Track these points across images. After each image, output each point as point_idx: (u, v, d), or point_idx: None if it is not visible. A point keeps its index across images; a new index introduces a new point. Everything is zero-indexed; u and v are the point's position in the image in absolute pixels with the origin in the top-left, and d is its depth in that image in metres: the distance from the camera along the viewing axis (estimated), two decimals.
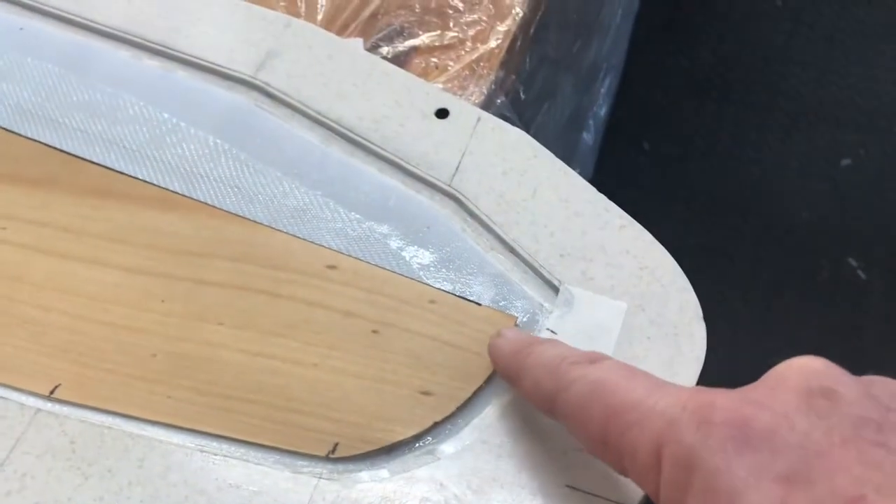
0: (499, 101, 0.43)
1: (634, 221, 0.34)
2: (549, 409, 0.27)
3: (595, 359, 0.26)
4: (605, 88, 0.77)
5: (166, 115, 0.39)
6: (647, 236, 0.33)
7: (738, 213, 1.10)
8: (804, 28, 1.24)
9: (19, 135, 0.39)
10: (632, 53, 1.12)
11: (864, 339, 1.00)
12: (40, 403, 0.32)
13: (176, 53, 0.40)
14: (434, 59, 0.45)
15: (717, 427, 0.21)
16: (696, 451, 0.21)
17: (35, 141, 0.38)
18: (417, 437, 0.30)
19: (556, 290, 0.33)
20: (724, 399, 0.22)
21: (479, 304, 0.33)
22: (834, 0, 1.24)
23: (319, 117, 0.38)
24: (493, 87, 0.43)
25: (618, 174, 1.12)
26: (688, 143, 1.16)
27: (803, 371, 0.22)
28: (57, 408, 0.31)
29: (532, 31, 0.47)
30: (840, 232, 1.07)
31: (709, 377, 0.31)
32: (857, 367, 0.22)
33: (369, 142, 0.37)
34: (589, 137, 0.75)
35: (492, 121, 0.37)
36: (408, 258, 0.34)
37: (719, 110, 1.18)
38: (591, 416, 0.24)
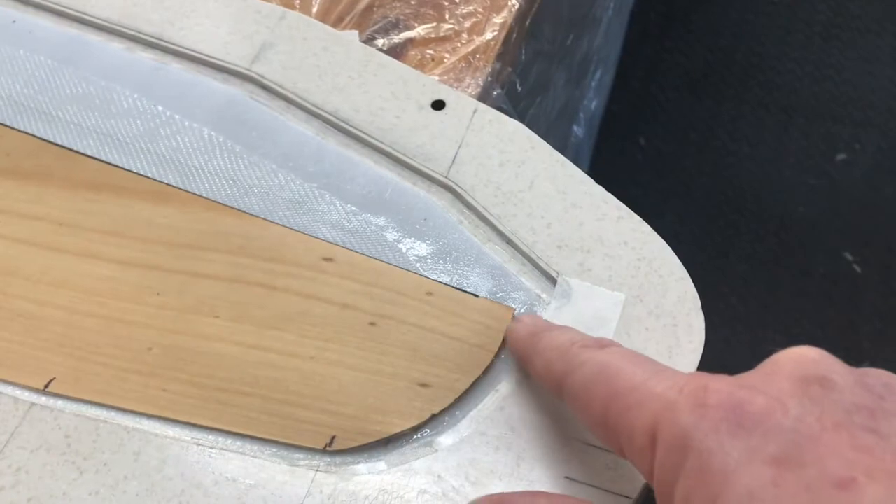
0: (495, 93, 0.43)
1: (632, 212, 0.34)
2: (557, 391, 0.27)
3: (605, 344, 0.27)
4: (595, 82, 0.77)
5: (160, 108, 0.39)
6: (645, 227, 0.33)
7: (734, 208, 1.10)
8: (800, 23, 1.24)
9: (12, 128, 0.38)
10: (627, 49, 1.12)
11: (860, 333, 1.00)
12: (34, 398, 0.31)
13: (170, 46, 0.40)
14: (430, 52, 0.45)
15: (712, 409, 0.21)
16: (690, 433, 0.21)
17: (28, 134, 0.38)
18: (415, 430, 0.30)
19: (553, 281, 0.33)
20: (719, 383, 0.22)
21: (477, 296, 0.32)
22: None
23: (315, 109, 0.38)
24: (489, 79, 0.43)
25: (614, 170, 1.12)
26: (683, 139, 1.16)
27: (799, 359, 0.22)
28: (51, 402, 0.31)
29: (527, 23, 0.47)
30: (835, 226, 1.08)
31: (705, 371, 0.31)
32: (852, 359, 0.22)
33: (365, 134, 0.37)
34: (579, 130, 0.75)
35: (489, 112, 0.37)
36: (404, 250, 0.34)
37: (715, 106, 1.18)
38: (594, 398, 0.25)
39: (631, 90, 1.16)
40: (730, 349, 0.96)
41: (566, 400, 0.26)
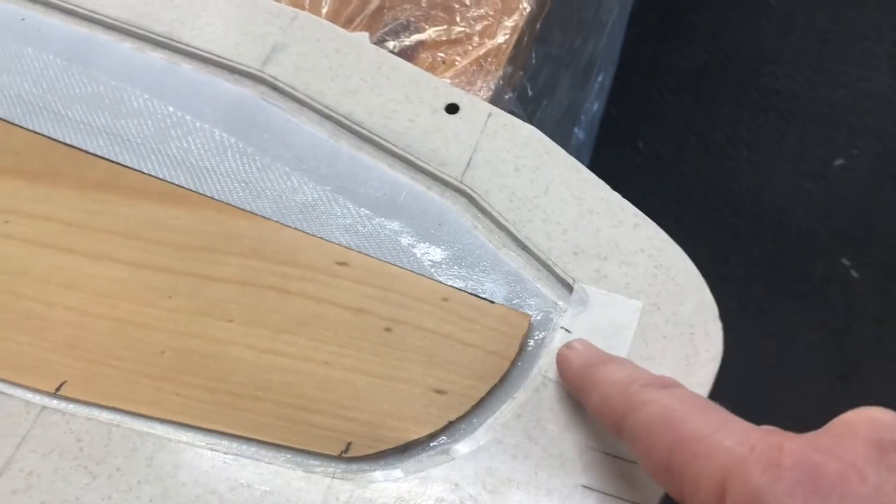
0: (507, 96, 0.43)
1: (648, 219, 0.34)
2: (615, 428, 0.26)
3: (666, 384, 0.26)
4: (597, 85, 0.77)
5: (171, 109, 0.38)
6: (662, 235, 0.33)
7: (732, 213, 1.10)
8: (798, 28, 1.24)
9: (21, 127, 0.38)
10: (626, 52, 1.12)
11: (857, 338, 1.01)
12: (46, 401, 0.31)
13: (181, 46, 0.40)
14: (441, 54, 0.45)
15: (786, 471, 0.21)
16: (763, 493, 0.21)
17: (37, 133, 0.38)
18: (432, 437, 0.30)
19: (570, 288, 0.32)
20: (792, 443, 0.22)
21: (493, 302, 0.32)
22: (827, 1, 1.25)
23: (328, 111, 0.38)
24: (500, 82, 0.43)
25: (612, 173, 1.12)
26: (682, 143, 1.16)
27: (873, 423, 0.22)
28: (63, 405, 0.31)
29: (538, 26, 0.47)
30: (833, 232, 1.08)
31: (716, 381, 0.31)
32: (848, 365, 0.22)
33: (379, 137, 0.37)
34: (580, 133, 0.75)
35: (503, 116, 0.37)
36: (419, 255, 0.34)
37: (714, 110, 1.18)
38: (657, 442, 0.24)
39: (630, 93, 1.16)
40: (727, 354, 0.96)
41: (625, 439, 0.26)
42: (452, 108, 0.37)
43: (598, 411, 0.28)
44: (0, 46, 0.40)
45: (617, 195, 0.34)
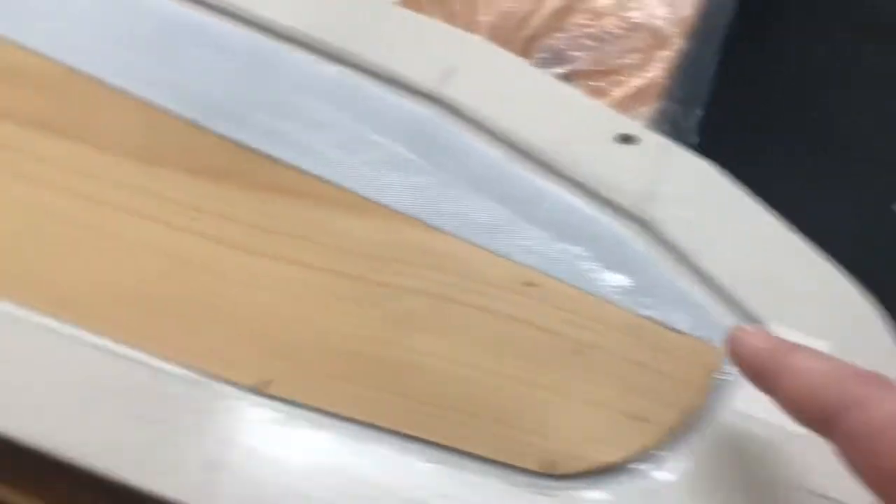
0: (663, 129, 0.44)
1: (830, 264, 0.35)
2: (822, 423, 0.23)
3: (886, 380, 0.23)
4: (697, 118, 0.78)
5: (351, 122, 0.39)
6: (846, 279, 0.34)
7: None
8: (861, 73, 1.25)
9: (207, 129, 0.39)
10: None
11: None
12: (251, 397, 0.32)
13: (356, 60, 0.41)
14: (594, 84, 0.46)
15: None
16: None
17: (222, 137, 0.39)
18: (631, 461, 0.30)
19: (755, 324, 0.33)
20: None
21: (682, 333, 0.33)
22: (891, 47, 1.26)
23: (503, 135, 0.39)
24: (657, 115, 0.44)
25: None
26: (741, 179, 1.16)
27: None
28: (268, 402, 0.32)
29: (688, 60, 0.48)
30: (890, 275, 1.08)
31: None
32: None
33: (554, 162, 0.38)
34: None
35: (677, 149, 0.38)
36: (603, 281, 0.35)
37: (772, 149, 1.18)
38: (891, 449, 0.21)
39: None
40: None
41: (836, 437, 0.23)
42: (625, 138, 0.39)
43: (798, 400, 0.24)
44: (185, 51, 0.41)
45: (796, 237, 0.35)
